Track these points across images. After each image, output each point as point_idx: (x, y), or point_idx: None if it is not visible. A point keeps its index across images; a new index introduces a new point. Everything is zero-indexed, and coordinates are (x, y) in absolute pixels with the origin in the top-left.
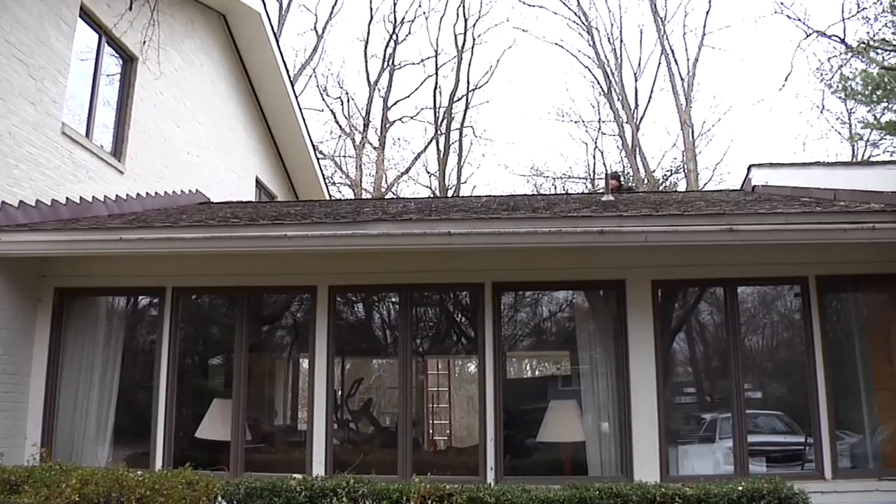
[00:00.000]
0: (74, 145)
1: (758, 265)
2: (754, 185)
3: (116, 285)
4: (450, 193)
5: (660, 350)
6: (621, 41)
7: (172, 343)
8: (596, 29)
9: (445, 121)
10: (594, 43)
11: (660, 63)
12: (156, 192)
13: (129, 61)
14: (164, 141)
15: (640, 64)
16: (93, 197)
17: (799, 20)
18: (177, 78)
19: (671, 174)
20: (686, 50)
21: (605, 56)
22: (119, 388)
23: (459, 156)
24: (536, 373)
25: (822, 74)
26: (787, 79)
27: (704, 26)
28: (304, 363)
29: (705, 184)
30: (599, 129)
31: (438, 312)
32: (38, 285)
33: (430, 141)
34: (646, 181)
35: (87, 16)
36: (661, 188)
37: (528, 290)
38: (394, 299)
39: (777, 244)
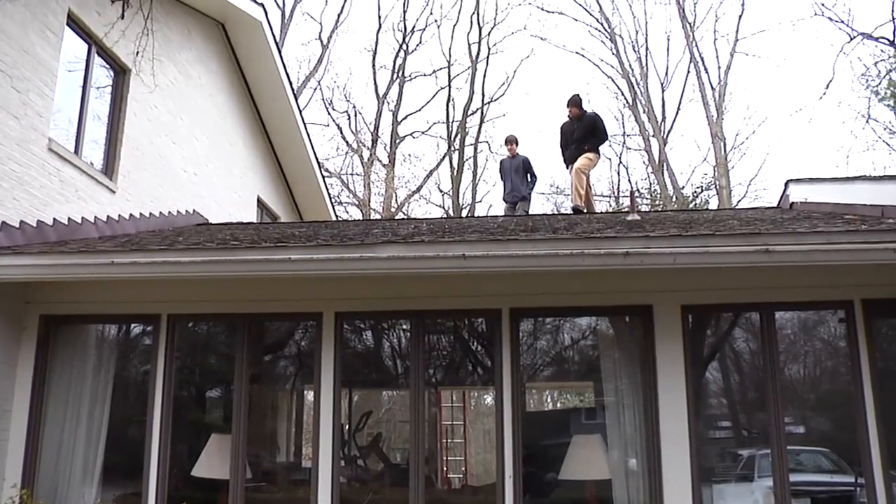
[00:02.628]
0: (62, 162)
1: (797, 288)
2: (792, 202)
3: (107, 312)
4: (464, 213)
5: (691, 380)
6: (647, 49)
7: (167, 374)
8: (619, 36)
9: (459, 135)
10: (618, 51)
11: (688, 72)
12: (150, 213)
13: (121, 73)
14: (159, 158)
15: (667, 73)
16: (82, 218)
17: (842, 22)
18: (172, 91)
19: (701, 191)
20: (717, 57)
21: (630, 65)
22: (109, 422)
23: (474, 173)
24: (558, 405)
25: (867, 81)
26: (828, 86)
27: (737, 31)
28: (309, 395)
29: (739, 201)
30: (624, 143)
31: (452, 340)
32: (22, 312)
33: (443, 157)
34: (674, 199)
35: (75, 24)
36: (690, 206)
37: (548, 316)
38: (405, 326)
39: (818, 266)
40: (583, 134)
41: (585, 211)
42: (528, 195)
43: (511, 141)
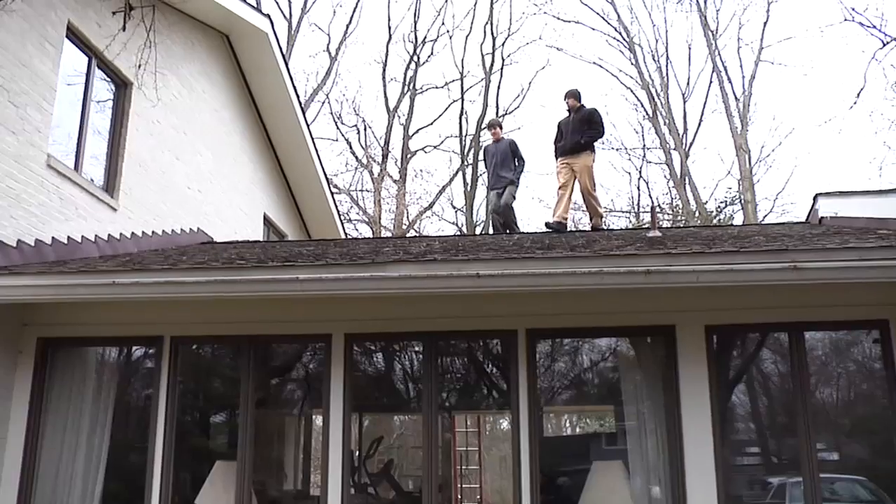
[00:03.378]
0: (61, 179)
1: (828, 307)
2: (822, 217)
3: (108, 335)
4: (478, 231)
5: (716, 404)
6: (667, 59)
7: (170, 399)
8: (639, 46)
9: (473, 150)
10: (637, 61)
11: (711, 82)
12: (153, 231)
13: (122, 87)
14: (162, 174)
15: (688, 83)
16: (82, 236)
17: (873, 27)
18: (176, 105)
19: (725, 206)
20: (741, 66)
21: (650, 76)
22: (109, 449)
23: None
24: (577, 430)
25: None
26: (859, 95)
27: (762, 39)
28: (318, 420)
29: (765, 216)
30: (644, 156)
31: (467, 363)
32: (18, 335)
33: (456, 172)
34: (697, 214)
35: (74, 36)
36: (714, 222)
37: (566, 337)
38: (417, 348)
39: (850, 283)
40: (579, 125)
41: (603, 228)
42: (515, 179)
43: (494, 125)
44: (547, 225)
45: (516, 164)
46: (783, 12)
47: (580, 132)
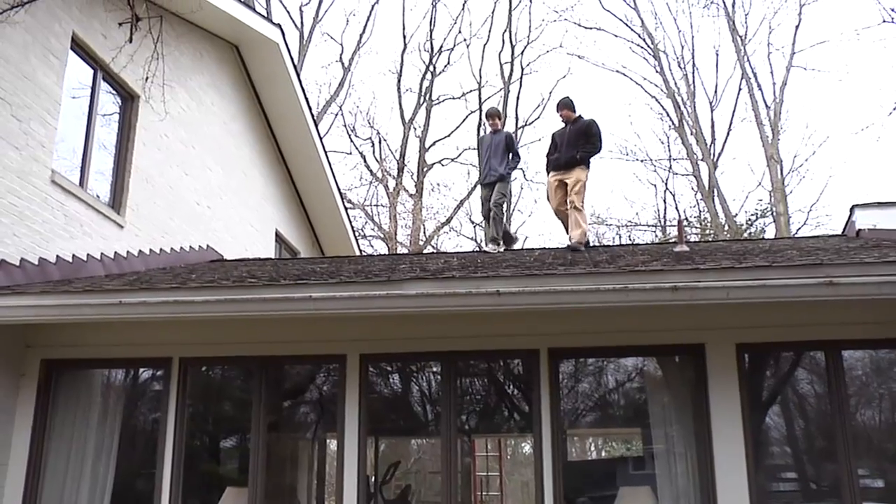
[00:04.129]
0: (66, 195)
1: (867, 325)
2: (859, 230)
3: (114, 356)
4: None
5: (749, 426)
6: (694, 66)
7: (179, 422)
8: (664, 52)
9: None
10: (662, 69)
11: (740, 89)
12: (161, 249)
13: (129, 100)
14: (170, 190)
15: (716, 91)
16: (87, 255)
17: None
18: (184, 118)
19: (756, 218)
20: (771, 73)
21: (675, 84)
22: (115, 476)
23: (508, 202)
24: (603, 454)
25: None
26: None
27: (794, 44)
28: (332, 444)
29: (798, 229)
30: (670, 167)
31: (487, 384)
32: (21, 357)
33: (475, 186)
34: (726, 227)
35: (79, 48)
36: (744, 235)
37: (590, 356)
38: (435, 369)
39: (890, 299)
40: (575, 138)
41: (586, 247)
42: (506, 174)
43: (494, 115)
44: (569, 248)
45: (510, 158)
46: (816, 15)
47: (576, 146)
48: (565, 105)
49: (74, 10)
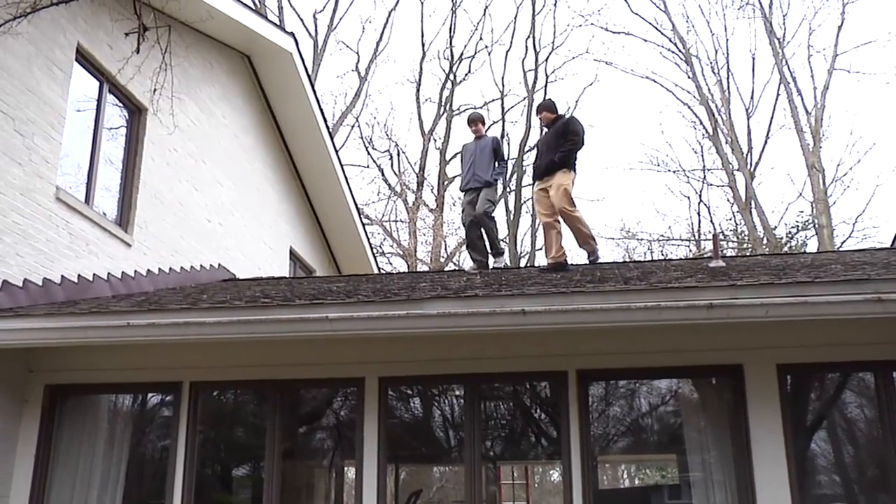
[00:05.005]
0: (71, 213)
1: None
2: None
3: (122, 381)
4: (523, 263)
5: (793, 453)
6: (728, 70)
7: (189, 450)
8: (696, 57)
9: (515, 175)
10: (694, 74)
11: (778, 94)
12: (170, 268)
13: (136, 113)
14: (180, 206)
15: (752, 97)
16: (94, 275)
17: None
18: (194, 132)
19: (797, 231)
20: (812, 76)
21: (709, 90)
22: None
23: (534, 217)
24: (636, 481)
25: None
26: None
27: (836, 45)
28: (350, 472)
29: (843, 242)
30: (704, 178)
31: (512, 408)
32: (24, 382)
33: (498, 200)
34: (765, 241)
35: (84, 59)
36: (784, 249)
37: (621, 378)
38: (458, 392)
39: None
40: (554, 140)
41: (593, 259)
42: (493, 181)
43: (476, 120)
44: (543, 270)
45: (497, 165)
46: (861, 14)
47: (556, 149)
48: (545, 107)
49: (79, 21)
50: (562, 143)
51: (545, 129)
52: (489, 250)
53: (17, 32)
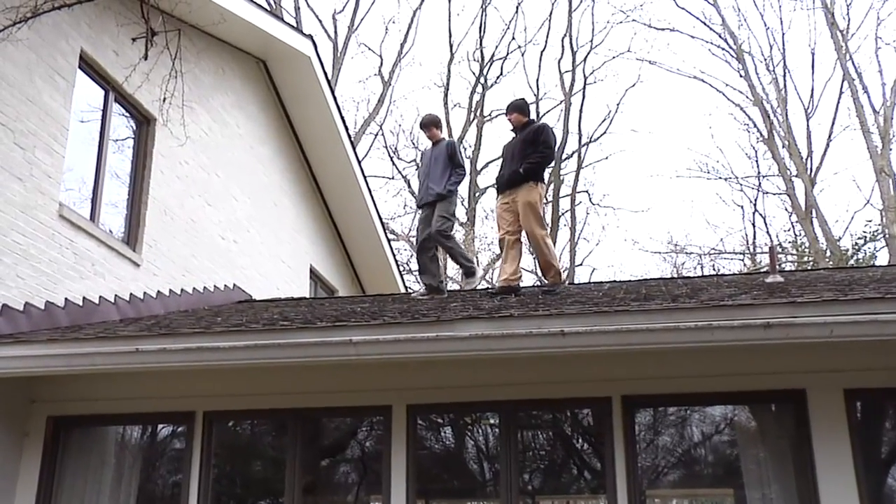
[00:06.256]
0: (75, 231)
1: None
2: None
3: (130, 411)
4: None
5: (865, 487)
6: (785, 68)
7: (203, 485)
8: (749, 54)
9: (552, 185)
10: (747, 73)
11: (841, 92)
12: (181, 289)
13: (144, 123)
14: (192, 223)
15: (812, 96)
16: (100, 297)
17: None
18: (206, 143)
19: (865, 242)
20: (880, 72)
21: (764, 89)
22: None
23: (572, 230)
24: None
25: None
26: None
27: None
28: None
29: None
30: (759, 186)
31: (552, 437)
32: (25, 414)
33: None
34: (828, 254)
35: (89, 67)
36: (850, 263)
37: (670, 405)
38: (492, 421)
39: None
40: (522, 148)
41: (559, 286)
42: (448, 192)
43: (429, 123)
44: (492, 293)
45: (453, 173)
46: None
47: (521, 159)
48: (516, 108)
49: (83, 25)
50: (530, 152)
51: (513, 133)
52: (461, 269)
53: (17, 39)
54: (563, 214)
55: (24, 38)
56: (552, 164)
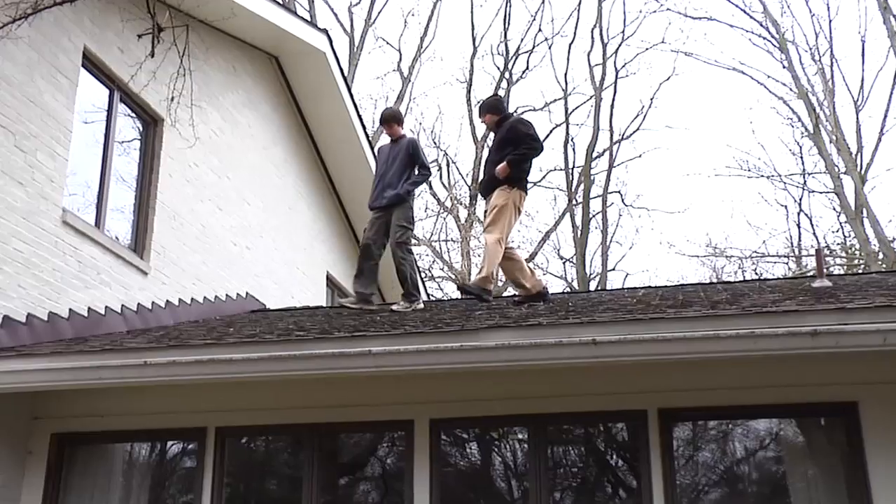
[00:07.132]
0: (80, 238)
1: None
2: None
3: (138, 427)
4: (593, 286)
5: None
6: (832, 57)
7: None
8: (792, 43)
9: (582, 185)
10: (791, 63)
11: (895, 83)
12: (192, 299)
13: (151, 124)
14: (202, 229)
15: (862, 87)
16: (106, 307)
17: None
18: (216, 144)
19: None
20: None
21: (809, 81)
22: None
23: (604, 233)
24: None
25: None
26: None
27: None
28: None
29: None
30: (804, 184)
31: (584, 453)
32: (28, 431)
33: (563, 214)
34: (881, 256)
35: (92, 65)
36: None
37: (710, 418)
38: (521, 436)
39: None
40: (497, 149)
41: (490, 298)
42: (406, 194)
43: (390, 118)
44: (517, 301)
45: (413, 173)
46: None
47: (499, 161)
48: (488, 107)
49: (86, 22)
50: (509, 150)
51: (492, 135)
52: (403, 289)
53: (17, 36)
54: (594, 216)
55: (25, 35)
56: (540, 155)
